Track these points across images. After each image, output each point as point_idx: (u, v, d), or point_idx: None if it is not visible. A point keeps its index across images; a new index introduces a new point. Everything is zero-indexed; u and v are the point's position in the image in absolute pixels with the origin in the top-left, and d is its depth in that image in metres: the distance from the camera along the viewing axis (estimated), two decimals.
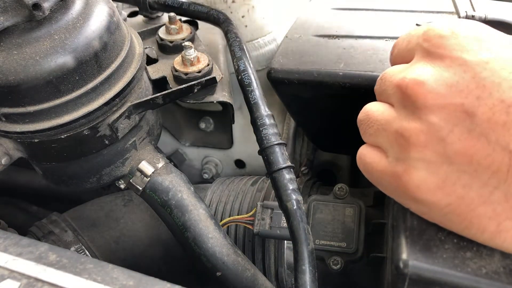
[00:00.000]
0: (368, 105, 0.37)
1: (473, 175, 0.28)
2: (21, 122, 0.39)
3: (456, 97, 0.28)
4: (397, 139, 0.30)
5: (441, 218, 0.31)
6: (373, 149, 0.35)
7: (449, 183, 0.29)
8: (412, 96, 0.29)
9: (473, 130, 0.27)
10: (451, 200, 0.29)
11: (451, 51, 0.29)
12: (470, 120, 0.27)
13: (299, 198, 0.41)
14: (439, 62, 0.29)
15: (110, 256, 0.54)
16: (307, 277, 0.37)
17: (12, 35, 0.37)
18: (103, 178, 0.47)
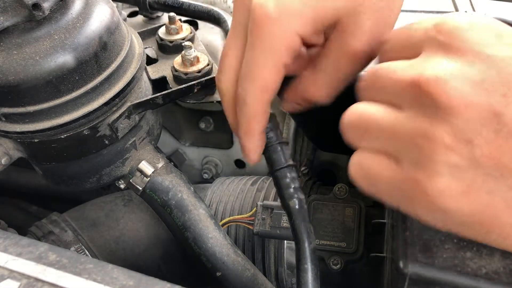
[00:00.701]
0: (357, 107, 0.32)
1: (499, 179, 0.26)
2: (21, 122, 0.39)
3: (482, 95, 0.26)
4: (417, 143, 0.28)
5: (460, 226, 0.29)
6: (377, 156, 0.31)
7: (474, 189, 0.27)
8: (434, 95, 0.26)
9: (500, 131, 0.26)
10: (475, 207, 0.27)
11: (472, 45, 0.27)
12: (497, 120, 0.26)
13: (301, 197, 0.41)
14: (458, 57, 0.27)
15: (110, 256, 0.54)
16: (309, 275, 0.37)
17: (12, 35, 0.37)
18: (103, 178, 0.47)
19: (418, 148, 0.28)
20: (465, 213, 0.27)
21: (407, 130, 0.28)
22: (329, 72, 0.36)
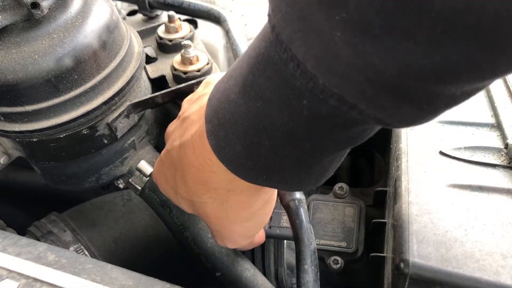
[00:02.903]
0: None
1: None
2: (19, 121, 0.39)
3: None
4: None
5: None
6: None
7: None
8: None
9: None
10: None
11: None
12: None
13: (301, 197, 0.41)
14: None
15: (109, 256, 0.54)
16: (309, 276, 0.37)
17: (10, 34, 0.37)
18: (102, 177, 0.47)
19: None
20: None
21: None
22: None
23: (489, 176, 0.40)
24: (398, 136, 0.45)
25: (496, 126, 0.46)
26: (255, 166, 0.27)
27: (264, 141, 0.26)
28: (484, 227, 0.35)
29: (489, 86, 0.50)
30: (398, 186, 0.40)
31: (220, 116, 0.27)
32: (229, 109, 0.26)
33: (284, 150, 0.26)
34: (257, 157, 0.27)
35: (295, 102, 0.23)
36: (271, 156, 0.26)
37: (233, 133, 0.26)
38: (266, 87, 0.24)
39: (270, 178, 0.28)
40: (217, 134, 0.27)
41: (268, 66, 0.23)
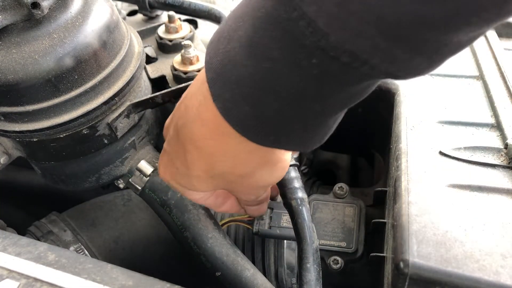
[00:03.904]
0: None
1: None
2: (20, 121, 0.39)
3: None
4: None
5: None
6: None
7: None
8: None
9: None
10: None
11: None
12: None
13: (304, 196, 0.41)
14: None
15: (110, 256, 0.54)
16: (311, 275, 0.37)
17: (11, 34, 0.37)
18: (102, 177, 0.47)
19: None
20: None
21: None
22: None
23: (489, 176, 0.40)
24: (398, 136, 0.45)
25: (496, 126, 0.46)
26: (263, 127, 0.27)
27: (272, 102, 0.25)
28: (484, 227, 0.35)
29: (489, 86, 0.50)
30: (398, 186, 0.40)
31: (225, 78, 0.26)
32: (235, 70, 0.25)
33: (292, 111, 0.26)
34: (265, 118, 0.26)
35: (305, 61, 0.23)
36: (279, 117, 0.26)
37: (239, 94, 0.26)
38: (274, 47, 0.23)
39: (278, 140, 0.28)
40: (223, 96, 0.27)
41: (277, 26, 0.22)
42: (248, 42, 0.24)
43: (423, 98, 0.50)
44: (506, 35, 0.61)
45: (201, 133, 0.31)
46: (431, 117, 0.47)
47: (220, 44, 0.27)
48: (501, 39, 0.60)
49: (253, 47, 0.24)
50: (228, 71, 0.26)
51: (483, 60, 0.55)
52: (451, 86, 0.52)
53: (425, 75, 0.23)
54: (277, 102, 0.25)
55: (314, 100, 0.25)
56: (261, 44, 0.24)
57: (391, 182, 0.45)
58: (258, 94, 0.25)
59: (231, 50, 0.26)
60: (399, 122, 0.47)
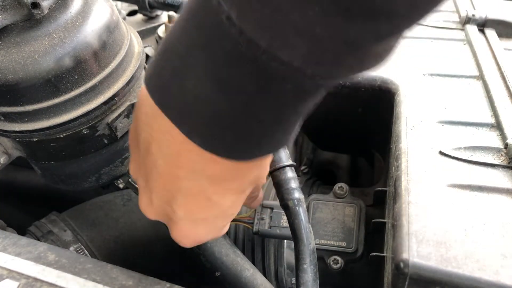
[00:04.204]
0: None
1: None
2: (19, 121, 0.39)
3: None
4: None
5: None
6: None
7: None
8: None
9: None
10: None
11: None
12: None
13: (300, 197, 0.41)
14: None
15: (109, 256, 0.54)
16: (308, 276, 0.37)
17: (11, 34, 0.37)
18: (102, 177, 0.47)
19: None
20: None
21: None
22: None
23: (489, 176, 0.40)
24: (398, 136, 0.45)
25: (496, 126, 0.46)
26: (247, 147, 0.27)
27: (253, 125, 0.26)
28: (484, 227, 0.35)
29: (489, 86, 0.50)
30: (398, 186, 0.40)
31: (197, 116, 0.26)
32: (207, 107, 0.25)
33: (273, 127, 0.27)
34: (249, 139, 0.27)
35: (279, 88, 0.23)
36: (262, 134, 0.27)
37: (219, 127, 0.26)
38: (246, 82, 0.24)
39: (262, 151, 0.28)
40: (200, 133, 0.27)
41: (244, 64, 0.23)
42: (213, 79, 0.24)
43: (423, 98, 0.50)
44: (506, 35, 0.61)
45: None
46: (431, 117, 0.47)
47: (171, 83, 0.26)
48: (501, 39, 0.60)
49: (221, 83, 0.24)
50: (197, 109, 0.26)
51: (483, 60, 0.55)
52: (451, 86, 0.52)
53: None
54: (257, 124, 0.26)
55: (292, 114, 0.26)
56: (231, 80, 0.24)
57: (391, 182, 0.45)
58: (239, 122, 0.26)
59: (191, 89, 0.25)
60: (399, 122, 0.47)
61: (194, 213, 0.32)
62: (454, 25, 0.64)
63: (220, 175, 0.30)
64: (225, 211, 0.33)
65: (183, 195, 0.31)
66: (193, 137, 0.27)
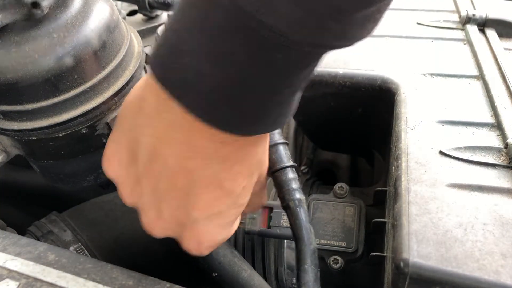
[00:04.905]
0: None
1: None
2: (19, 119, 0.39)
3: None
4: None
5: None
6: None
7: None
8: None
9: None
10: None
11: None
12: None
13: (301, 198, 0.41)
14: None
15: (110, 256, 0.54)
16: (309, 276, 0.37)
17: (10, 33, 0.37)
18: (101, 176, 0.47)
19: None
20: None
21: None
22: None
23: (489, 176, 0.40)
24: (398, 135, 0.45)
25: (496, 126, 0.46)
26: (246, 121, 0.28)
27: (249, 98, 0.27)
28: (484, 227, 0.35)
29: (489, 86, 0.50)
30: (398, 186, 0.40)
31: (197, 91, 0.27)
32: (205, 81, 0.26)
33: (268, 100, 0.27)
34: (246, 112, 0.28)
35: (270, 58, 0.24)
36: (258, 108, 0.27)
37: (217, 100, 0.27)
38: (239, 53, 0.24)
39: (262, 127, 0.29)
40: (201, 106, 0.27)
41: (236, 35, 0.24)
42: (208, 52, 0.25)
43: (423, 98, 0.50)
44: (506, 35, 0.61)
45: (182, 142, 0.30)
46: (431, 117, 0.47)
47: (171, 60, 0.27)
48: (501, 39, 0.60)
49: (215, 56, 0.25)
50: (196, 84, 0.26)
51: (483, 60, 0.55)
52: (451, 86, 0.52)
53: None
54: (252, 96, 0.27)
55: (284, 86, 0.27)
56: (224, 52, 0.25)
57: (391, 182, 0.45)
58: (235, 94, 0.26)
59: (189, 64, 0.26)
60: (399, 122, 0.47)
61: (209, 207, 0.32)
62: (454, 25, 0.64)
63: (230, 158, 0.31)
64: (237, 199, 0.33)
65: (197, 187, 0.31)
66: (194, 109, 0.27)
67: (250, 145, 0.32)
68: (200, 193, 0.31)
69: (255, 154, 0.33)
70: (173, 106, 0.28)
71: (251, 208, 0.43)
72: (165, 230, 0.34)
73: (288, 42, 0.23)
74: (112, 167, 0.35)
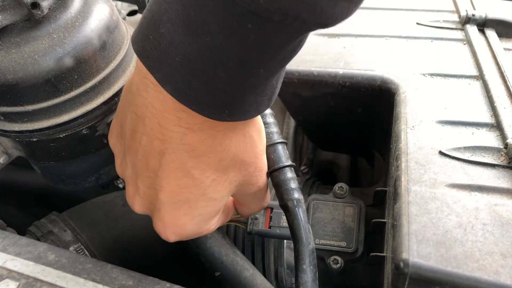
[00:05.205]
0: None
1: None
2: (19, 121, 0.39)
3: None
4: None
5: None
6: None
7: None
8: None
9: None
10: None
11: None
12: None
13: (300, 197, 0.41)
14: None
15: (109, 256, 0.54)
16: (307, 276, 0.37)
17: (10, 34, 0.37)
18: (102, 177, 0.47)
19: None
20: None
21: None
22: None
23: (489, 176, 0.40)
24: (398, 136, 0.46)
25: (496, 126, 0.46)
26: (216, 101, 0.28)
27: (220, 74, 0.26)
28: (484, 227, 0.35)
29: (488, 86, 0.50)
30: (398, 186, 0.40)
31: (169, 61, 0.26)
32: (177, 51, 0.26)
33: (240, 79, 0.27)
34: (217, 92, 0.27)
35: (241, 28, 0.23)
36: (230, 88, 0.27)
37: (189, 73, 0.26)
38: (211, 21, 0.24)
39: (232, 112, 0.28)
40: (172, 80, 0.27)
41: (208, 0, 0.23)
42: (184, 22, 0.25)
43: (423, 98, 0.50)
44: (506, 35, 0.61)
45: (156, 127, 0.30)
46: (431, 117, 0.47)
47: (149, 31, 0.27)
48: (501, 39, 0.60)
49: (189, 25, 0.25)
50: (170, 54, 0.26)
51: (483, 60, 0.55)
52: (451, 86, 0.52)
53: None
54: (224, 73, 0.26)
55: (257, 64, 0.26)
56: (197, 20, 0.24)
57: (391, 182, 0.45)
58: (206, 68, 0.26)
59: (164, 33, 0.26)
60: (399, 122, 0.47)
61: (175, 193, 0.32)
62: (454, 25, 0.64)
63: (198, 146, 0.30)
64: (206, 191, 0.33)
65: (164, 171, 0.31)
66: (165, 84, 0.27)
67: (219, 137, 0.31)
68: (166, 177, 0.31)
69: (227, 148, 0.32)
70: (149, 85, 0.29)
71: (250, 210, 0.43)
72: (142, 207, 0.35)
73: (258, 9, 0.22)
74: (111, 139, 0.37)
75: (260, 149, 0.36)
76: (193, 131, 0.29)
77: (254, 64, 0.26)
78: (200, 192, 0.33)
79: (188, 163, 0.31)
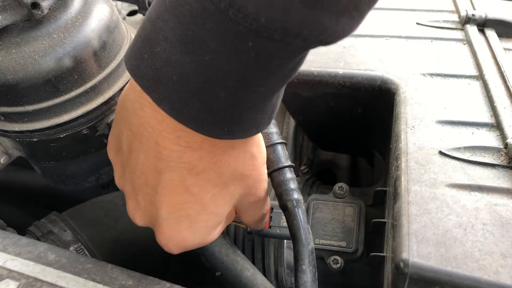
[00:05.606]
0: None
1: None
2: (20, 121, 0.39)
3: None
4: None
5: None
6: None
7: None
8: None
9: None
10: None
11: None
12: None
13: (299, 198, 0.41)
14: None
15: (110, 256, 0.54)
16: (307, 276, 0.37)
17: (10, 34, 0.37)
18: (102, 177, 0.47)
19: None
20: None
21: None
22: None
23: (489, 176, 0.40)
24: (398, 136, 0.46)
25: (496, 126, 0.46)
26: (215, 120, 0.27)
27: (220, 93, 0.25)
28: (484, 227, 0.35)
29: (488, 86, 0.50)
30: (398, 186, 0.40)
31: (166, 81, 0.26)
32: (175, 70, 0.25)
33: (239, 97, 0.26)
34: (216, 110, 0.26)
35: (241, 47, 0.23)
36: (229, 107, 0.26)
37: (187, 92, 0.26)
38: (210, 39, 0.23)
39: (232, 130, 0.28)
40: (170, 99, 0.26)
41: (207, 19, 0.23)
42: (179, 40, 0.24)
43: (423, 98, 0.50)
44: (506, 35, 0.61)
45: (154, 146, 0.30)
46: (431, 117, 0.47)
47: (143, 50, 0.26)
48: (501, 39, 0.60)
49: (186, 43, 0.24)
50: (166, 73, 0.26)
51: (483, 60, 0.55)
52: (451, 86, 0.52)
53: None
54: (223, 92, 0.25)
55: (257, 83, 0.25)
56: (195, 39, 0.24)
57: (391, 182, 0.45)
58: (205, 87, 0.25)
59: (160, 52, 0.25)
60: (399, 122, 0.47)
61: (175, 209, 0.32)
62: (454, 25, 0.64)
63: (197, 164, 0.30)
64: (207, 206, 0.33)
65: (163, 188, 0.31)
66: (162, 103, 0.27)
67: (219, 154, 0.31)
68: (166, 194, 0.31)
69: (226, 164, 0.32)
70: (145, 104, 0.28)
71: (250, 217, 0.42)
72: (143, 221, 0.35)
73: (258, 27, 0.22)
74: (110, 153, 0.36)
75: (259, 161, 0.35)
76: (193, 150, 0.29)
77: (254, 83, 0.25)
78: (201, 207, 0.32)
79: (187, 180, 0.31)
